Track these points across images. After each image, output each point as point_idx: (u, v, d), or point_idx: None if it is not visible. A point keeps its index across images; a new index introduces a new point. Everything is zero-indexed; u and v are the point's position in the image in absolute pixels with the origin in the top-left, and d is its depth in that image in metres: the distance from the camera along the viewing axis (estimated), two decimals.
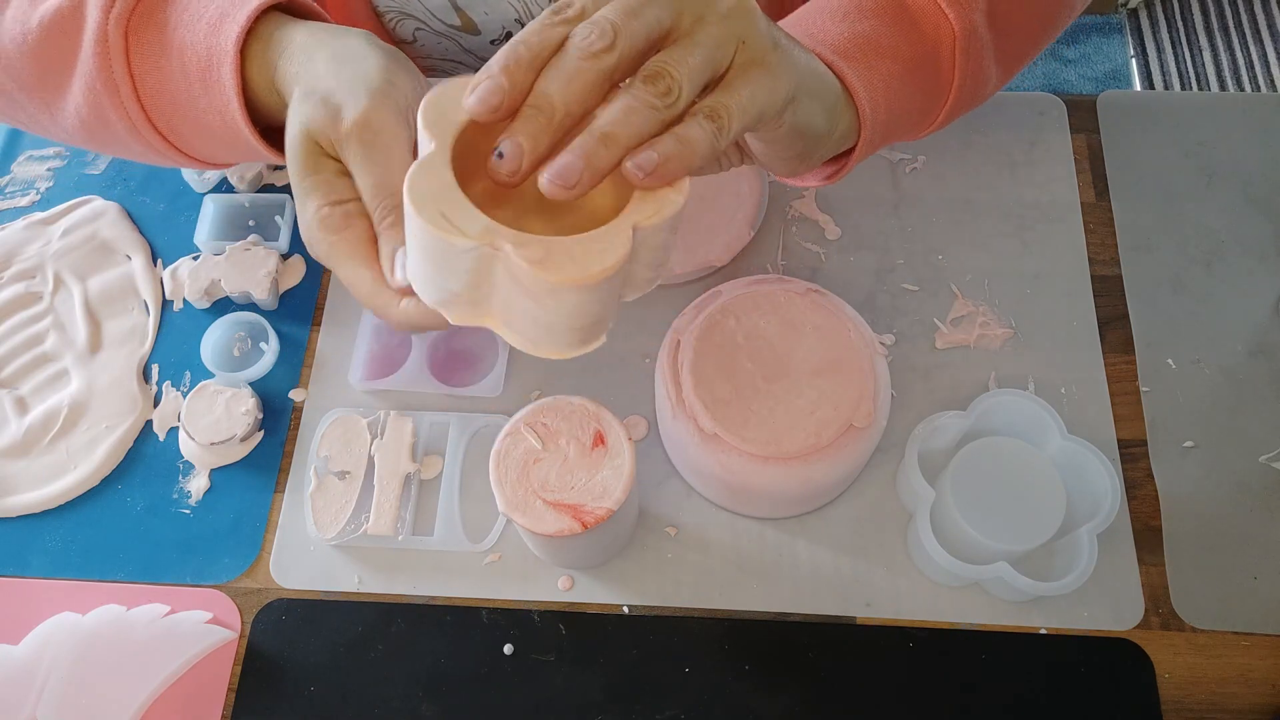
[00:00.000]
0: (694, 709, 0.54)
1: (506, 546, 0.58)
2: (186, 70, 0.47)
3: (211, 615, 0.57)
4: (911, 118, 0.51)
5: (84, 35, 0.48)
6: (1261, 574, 0.56)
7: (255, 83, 0.47)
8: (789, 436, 0.52)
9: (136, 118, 0.49)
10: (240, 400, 0.61)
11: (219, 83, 0.47)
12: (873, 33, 0.48)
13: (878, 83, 0.47)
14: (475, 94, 0.36)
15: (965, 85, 0.51)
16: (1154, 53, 1.82)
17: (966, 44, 0.49)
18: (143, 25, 0.48)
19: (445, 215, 0.34)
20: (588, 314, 0.36)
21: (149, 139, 0.50)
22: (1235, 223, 0.67)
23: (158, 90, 0.48)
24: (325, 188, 0.42)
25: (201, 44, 0.47)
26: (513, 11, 0.75)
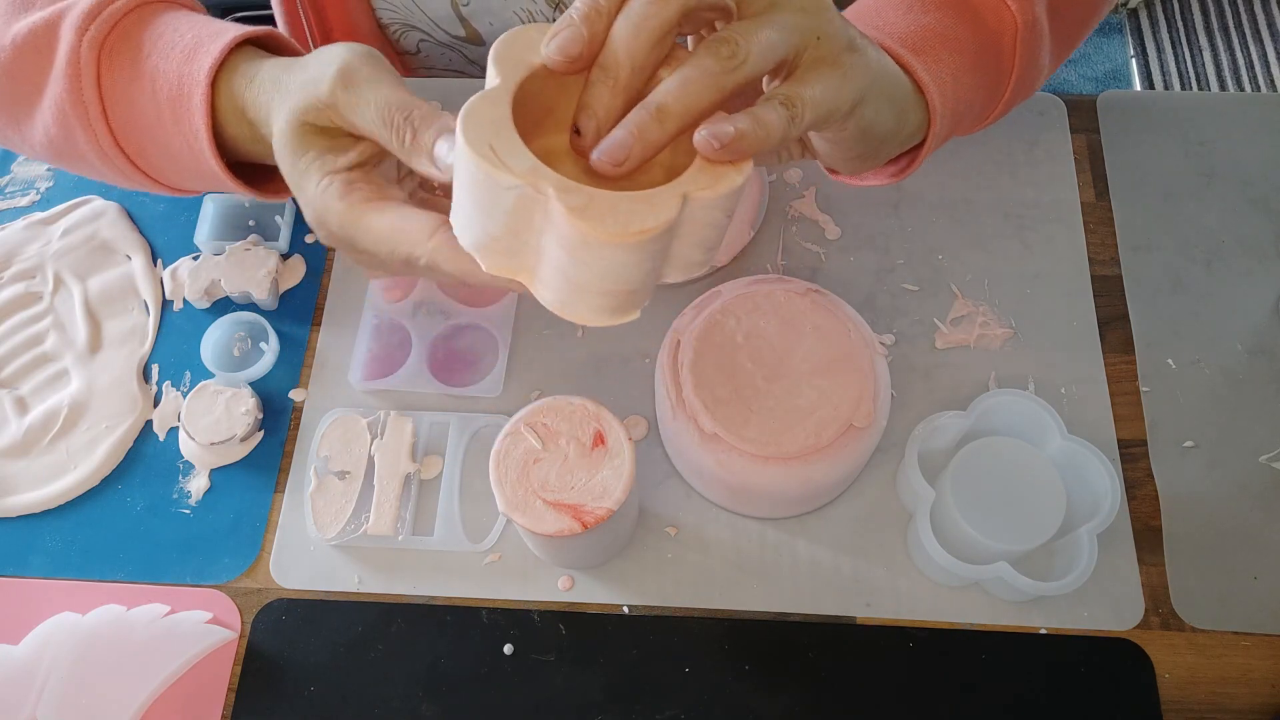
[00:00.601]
0: (694, 709, 0.54)
1: (506, 546, 0.58)
2: (157, 97, 0.47)
3: (211, 615, 0.57)
4: (975, 110, 0.51)
5: (56, 55, 0.48)
6: (1261, 574, 0.56)
7: (224, 113, 0.47)
8: (789, 436, 0.52)
9: (104, 140, 0.49)
10: (240, 400, 0.61)
11: (188, 112, 0.47)
12: (938, 25, 0.48)
13: (946, 76, 0.47)
14: (555, 42, 0.36)
15: (1023, 76, 0.51)
16: (1154, 53, 1.82)
17: (1028, 35, 0.49)
18: (116, 50, 0.48)
19: (494, 149, 0.34)
20: (621, 279, 0.35)
21: (116, 162, 0.50)
22: (1235, 223, 0.67)
23: (127, 115, 0.48)
24: (319, 163, 0.42)
25: (174, 72, 0.47)
26: (517, 21, 0.75)
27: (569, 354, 0.64)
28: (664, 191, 0.35)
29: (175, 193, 0.54)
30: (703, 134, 0.35)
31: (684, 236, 0.37)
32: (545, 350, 0.64)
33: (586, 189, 0.33)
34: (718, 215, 0.37)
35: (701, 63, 0.35)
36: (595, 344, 0.64)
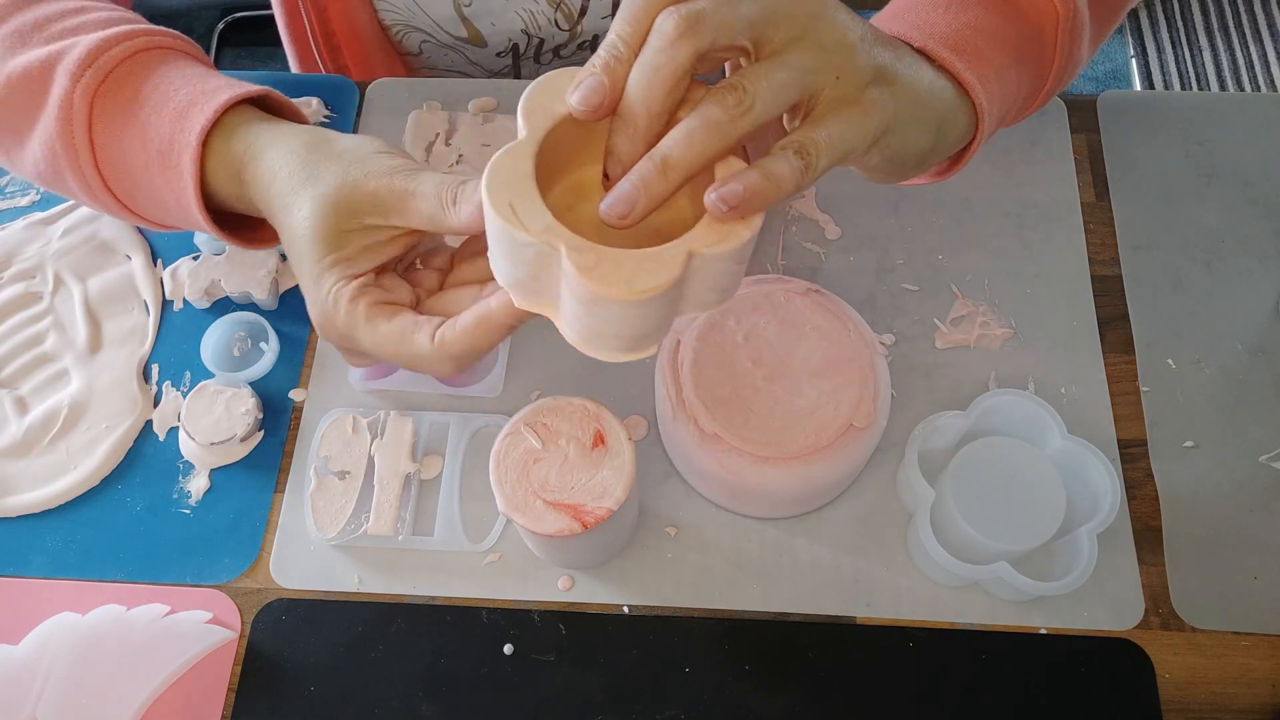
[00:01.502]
0: (694, 709, 0.54)
1: (506, 546, 0.58)
2: (148, 150, 0.48)
3: (211, 615, 0.57)
4: (1018, 103, 0.51)
5: (49, 98, 0.48)
6: (1261, 574, 0.56)
7: (214, 171, 0.48)
8: (789, 436, 0.52)
9: (93, 182, 0.49)
10: (240, 400, 0.61)
11: (177, 169, 0.47)
12: (979, 21, 0.47)
13: (990, 74, 0.46)
14: (577, 93, 0.37)
15: (1064, 66, 0.51)
16: (1154, 53, 1.82)
17: (1070, 25, 0.49)
18: (110, 97, 0.48)
19: (513, 206, 0.36)
20: (632, 327, 0.37)
21: (105, 201, 0.51)
22: (1235, 223, 0.67)
23: (118, 162, 0.49)
24: (345, 264, 0.43)
25: (165, 128, 0.47)
26: (519, 22, 0.75)
27: (569, 354, 0.63)
28: (671, 249, 0.36)
29: (158, 228, 0.55)
30: (711, 198, 0.36)
31: (695, 284, 0.38)
32: (545, 350, 0.64)
33: (597, 248, 0.35)
34: (729, 265, 0.38)
35: (707, 113, 0.35)
36: None
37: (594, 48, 0.79)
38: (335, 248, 0.43)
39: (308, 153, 0.45)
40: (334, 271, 0.43)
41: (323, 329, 0.44)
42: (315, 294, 0.43)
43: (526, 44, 0.77)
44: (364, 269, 0.44)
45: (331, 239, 0.43)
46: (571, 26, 0.76)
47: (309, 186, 0.44)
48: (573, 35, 0.77)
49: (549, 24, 0.75)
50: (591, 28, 0.76)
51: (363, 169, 0.43)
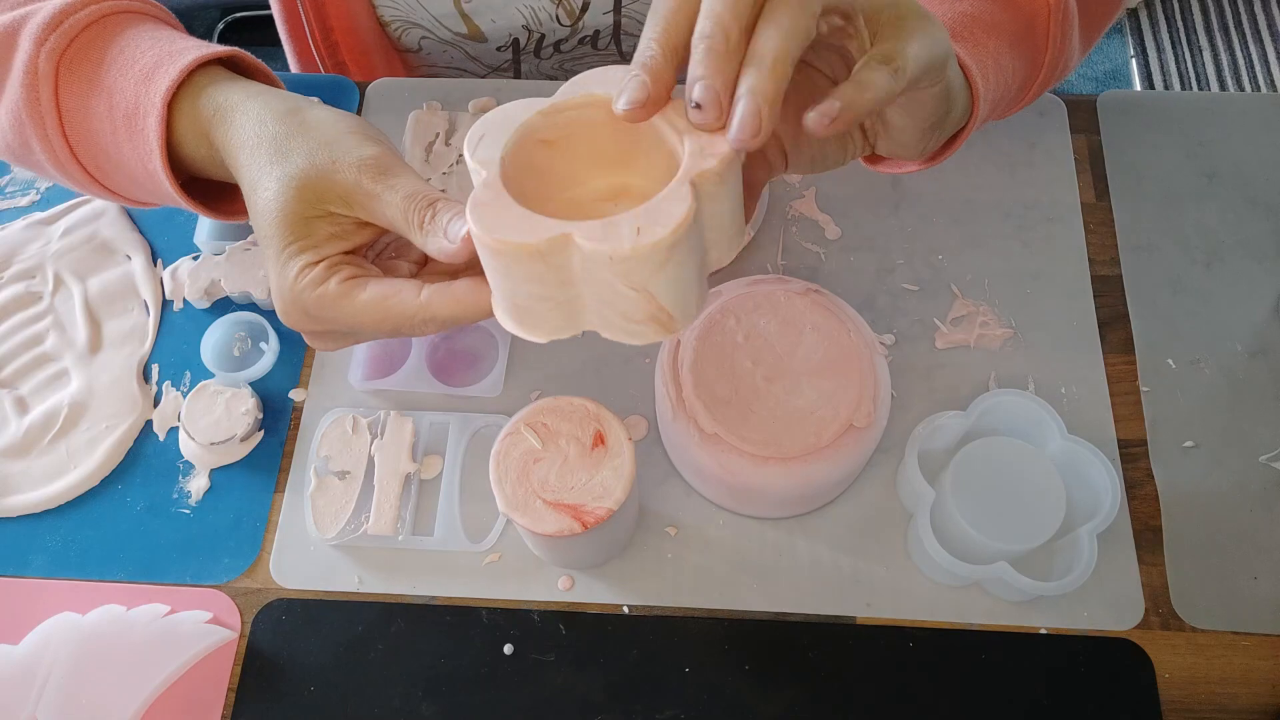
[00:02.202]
0: (694, 709, 0.54)
1: (506, 546, 0.58)
2: (113, 114, 0.47)
3: (211, 615, 0.57)
4: (1011, 92, 0.51)
5: (14, 64, 0.47)
6: (1261, 574, 0.56)
7: (182, 134, 0.47)
8: (789, 436, 0.52)
9: (61, 152, 0.48)
10: (240, 400, 0.61)
11: (143, 133, 0.46)
12: (976, 10, 0.48)
13: (988, 61, 0.47)
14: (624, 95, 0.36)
15: (1056, 58, 0.51)
16: (1154, 53, 1.82)
17: (1060, 16, 0.50)
18: (75, 62, 0.47)
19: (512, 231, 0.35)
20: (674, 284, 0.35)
21: (71, 171, 0.49)
22: (1235, 223, 0.67)
23: (84, 128, 0.48)
24: (312, 251, 0.42)
25: (130, 92, 0.46)
26: (520, 18, 0.75)
27: (569, 354, 0.64)
28: (671, 188, 0.35)
29: (132, 204, 0.53)
30: (811, 119, 0.36)
31: (709, 224, 0.37)
32: (545, 350, 0.64)
33: (604, 220, 0.34)
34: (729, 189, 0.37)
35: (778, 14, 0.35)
36: (595, 344, 0.64)
37: (595, 44, 0.79)
38: (301, 235, 0.42)
39: (277, 124, 0.43)
40: (300, 258, 0.42)
41: (286, 314, 0.43)
42: (281, 279, 0.42)
43: (527, 39, 0.77)
44: (330, 254, 0.42)
45: (297, 225, 0.42)
46: (573, 22, 0.76)
47: (276, 165, 0.42)
48: (574, 30, 0.77)
49: (550, 19, 0.75)
50: (593, 23, 0.76)
51: (331, 155, 0.42)
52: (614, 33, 0.78)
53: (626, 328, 0.37)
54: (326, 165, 0.42)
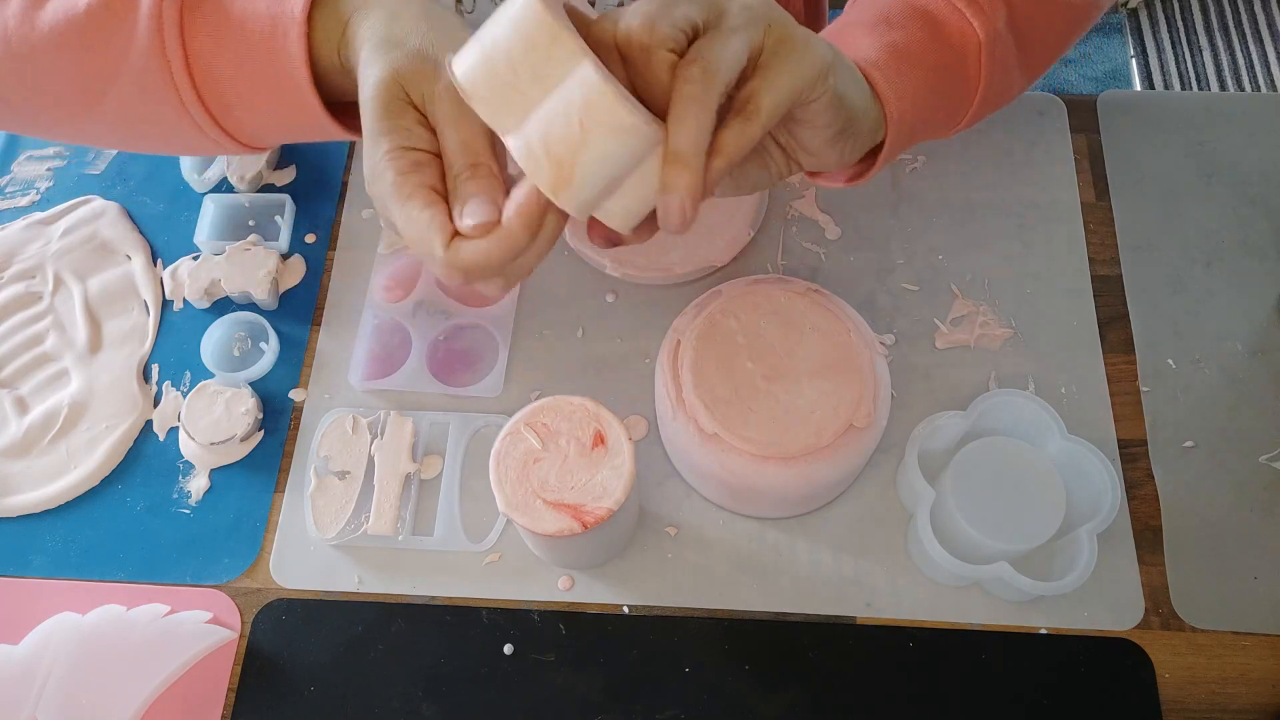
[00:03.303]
0: (694, 709, 0.54)
1: (506, 546, 0.58)
2: (249, 41, 0.48)
3: (211, 615, 0.57)
4: (938, 118, 0.53)
5: (138, 17, 0.48)
6: (1261, 574, 0.56)
7: (321, 47, 0.48)
8: (789, 436, 0.52)
9: (188, 96, 0.49)
10: (240, 400, 0.61)
11: (285, 50, 0.47)
12: (901, 41, 0.49)
13: (906, 88, 0.49)
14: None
15: (991, 87, 0.52)
16: (1154, 53, 1.82)
17: (991, 48, 0.51)
18: (198, 3, 0.48)
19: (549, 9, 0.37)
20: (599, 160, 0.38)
21: (197, 118, 0.50)
22: (1235, 223, 0.67)
23: (213, 65, 0.49)
24: (403, 133, 0.43)
25: (264, 14, 0.47)
26: None
27: (569, 354, 0.64)
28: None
29: (249, 150, 0.54)
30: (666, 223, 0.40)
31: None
32: (545, 350, 0.64)
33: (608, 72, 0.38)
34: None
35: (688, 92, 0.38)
36: (595, 344, 0.64)
37: None
38: (393, 114, 0.43)
39: (407, 21, 0.45)
40: (392, 138, 0.43)
41: (371, 187, 0.44)
42: (372, 153, 0.43)
43: None
44: (419, 145, 0.43)
45: (390, 104, 0.43)
46: None
47: (388, 52, 0.44)
48: None
49: None
50: None
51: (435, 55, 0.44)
52: None
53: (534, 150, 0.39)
54: (426, 67, 0.43)
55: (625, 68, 0.41)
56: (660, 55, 0.39)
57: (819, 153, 0.47)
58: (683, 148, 0.39)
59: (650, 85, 0.40)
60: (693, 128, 0.38)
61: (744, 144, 0.40)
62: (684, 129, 0.38)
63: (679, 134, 0.39)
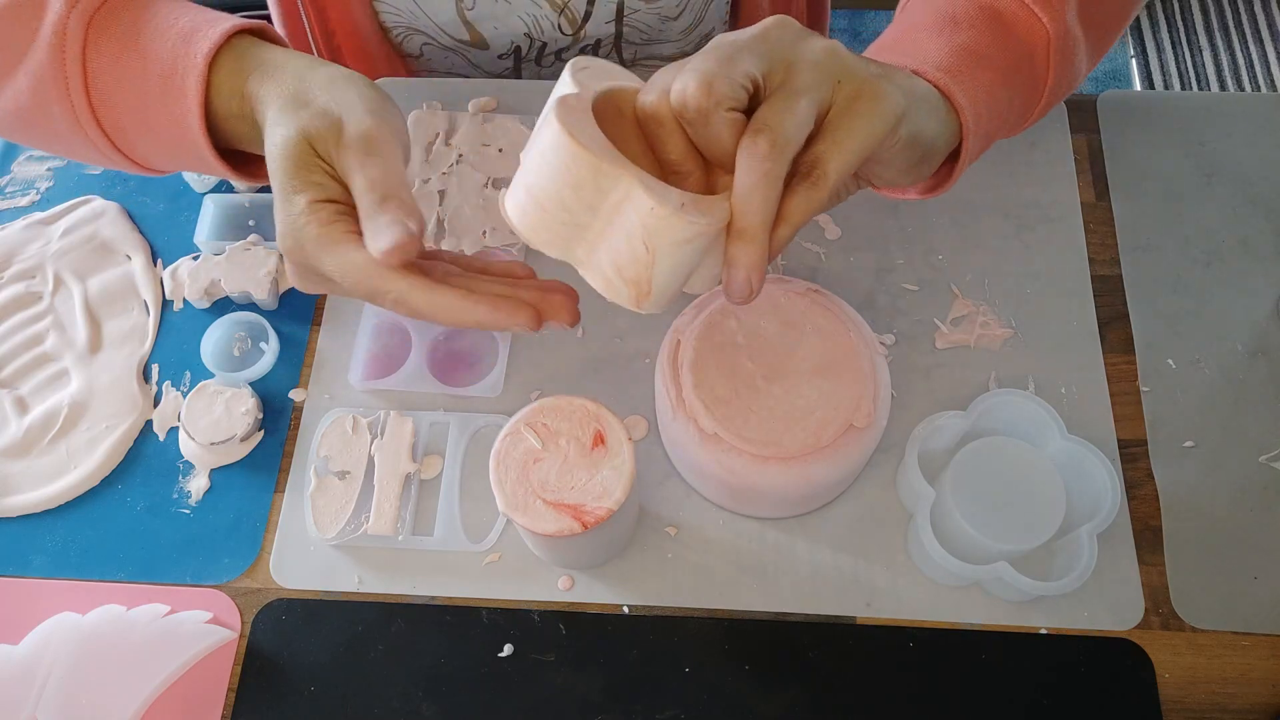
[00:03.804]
0: (694, 709, 0.54)
1: (506, 546, 0.58)
2: (147, 74, 0.48)
3: (211, 615, 0.57)
4: (1010, 118, 0.52)
5: (42, 25, 0.48)
6: (1261, 574, 0.56)
7: (218, 96, 0.48)
8: (789, 436, 0.52)
9: (82, 113, 0.49)
10: (240, 400, 0.61)
11: (180, 92, 0.47)
12: (971, 43, 0.49)
13: (980, 93, 0.48)
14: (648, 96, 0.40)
15: (1059, 82, 0.52)
16: (1154, 53, 1.82)
17: (1061, 44, 0.50)
18: (106, 24, 0.48)
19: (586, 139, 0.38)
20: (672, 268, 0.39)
21: (90, 134, 0.50)
22: (1235, 223, 0.67)
23: (110, 89, 0.49)
24: (316, 187, 0.43)
25: (168, 53, 0.48)
26: (522, 26, 0.75)
27: (569, 354, 0.64)
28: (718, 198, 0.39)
29: (143, 170, 0.54)
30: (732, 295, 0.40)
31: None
32: (545, 350, 0.64)
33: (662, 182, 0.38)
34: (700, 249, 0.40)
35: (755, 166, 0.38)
36: (595, 344, 0.64)
37: (596, 52, 0.79)
38: (305, 171, 0.43)
39: (309, 82, 0.46)
40: (305, 194, 0.43)
41: (285, 243, 0.44)
42: (286, 211, 0.43)
43: (529, 47, 0.78)
44: (336, 196, 0.44)
45: (300, 163, 0.43)
46: (575, 31, 0.76)
47: (294, 114, 0.44)
48: (575, 39, 0.77)
49: (552, 28, 0.75)
50: (595, 32, 0.76)
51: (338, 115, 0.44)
52: (615, 42, 0.78)
53: (610, 278, 0.39)
54: (332, 125, 0.44)
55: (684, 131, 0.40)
56: (720, 115, 0.38)
57: (894, 180, 0.47)
58: (748, 226, 0.38)
59: (711, 145, 0.40)
60: (759, 206, 0.38)
61: (810, 211, 0.40)
62: (750, 208, 0.38)
63: (745, 214, 0.38)
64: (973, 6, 0.50)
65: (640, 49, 0.80)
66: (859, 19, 1.95)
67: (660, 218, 0.37)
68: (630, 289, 0.39)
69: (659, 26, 0.77)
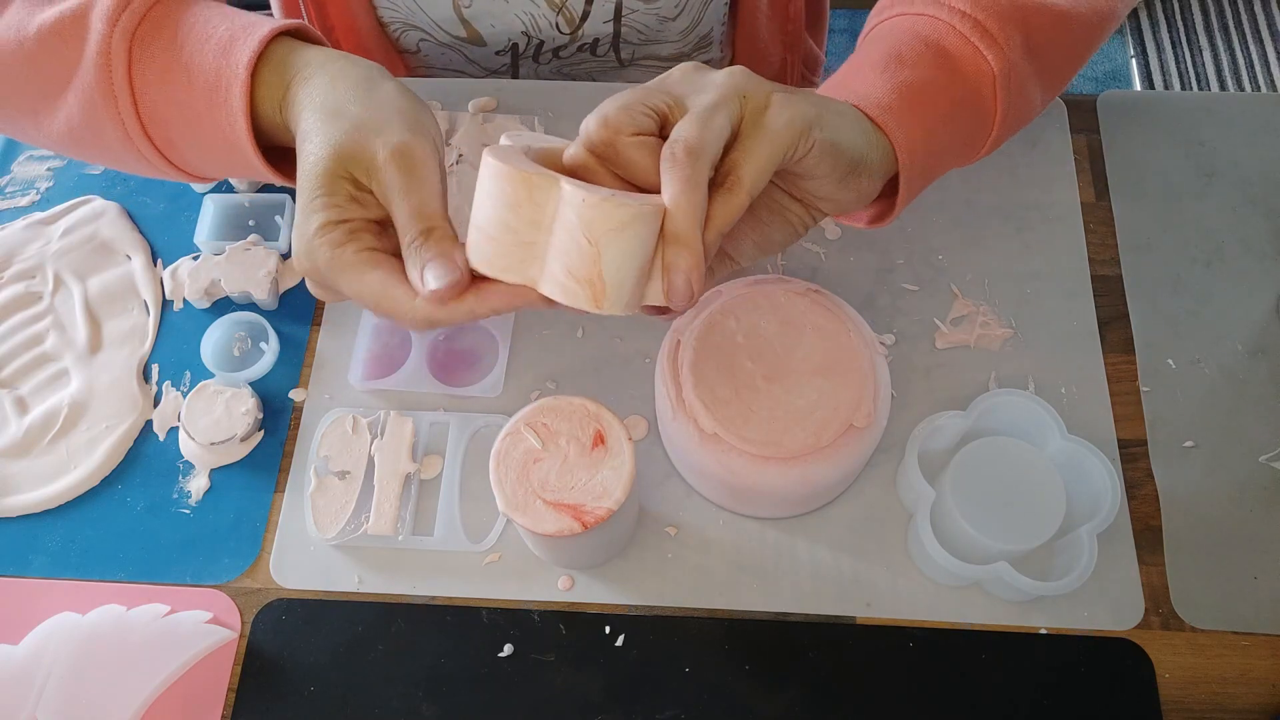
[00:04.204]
0: (694, 709, 0.54)
1: (506, 546, 0.58)
2: (193, 88, 0.48)
3: (211, 615, 0.57)
4: (956, 151, 0.53)
5: (86, 45, 0.48)
6: (1261, 574, 0.56)
7: (263, 104, 0.48)
8: (789, 436, 0.52)
9: (133, 129, 0.49)
10: (240, 400, 0.61)
11: (226, 104, 0.48)
12: (914, 80, 0.50)
13: (917, 128, 0.49)
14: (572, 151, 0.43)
15: (1009, 114, 0.53)
16: (1154, 53, 1.82)
17: (1006, 80, 0.51)
18: (148, 40, 0.48)
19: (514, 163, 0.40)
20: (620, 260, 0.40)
21: (142, 150, 0.51)
22: (1235, 223, 0.67)
23: (159, 105, 0.49)
24: (333, 209, 0.43)
25: (210, 65, 0.48)
26: (519, 23, 0.75)
27: (569, 354, 0.64)
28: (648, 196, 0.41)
29: (196, 179, 0.55)
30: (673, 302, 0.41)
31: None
32: (545, 350, 0.64)
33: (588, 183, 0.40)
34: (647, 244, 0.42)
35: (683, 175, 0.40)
36: (595, 344, 0.64)
37: (594, 51, 0.79)
38: (329, 191, 0.43)
39: (347, 90, 0.46)
40: (323, 214, 0.43)
41: (298, 259, 0.44)
42: (303, 228, 0.44)
43: (526, 44, 0.78)
44: (352, 216, 0.44)
45: (326, 181, 0.43)
46: (572, 30, 0.76)
47: (327, 125, 0.44)
48: (573, 38, 0.77)
49: (550, 27, 0.75)
50: (592, 31, 0.76)
51: (375, 129, 0.44)
52: (613, 41, 0.78)
53: (565, 284, 0.40)
54: (367, 138, 0.44)
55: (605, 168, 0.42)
56: (625, 141, 0.41)
57: (832, 196, 0.47)
58: (679, 229, 0.40)
59: (634, 171, 0.42)
60: (685, 207, 0.40)
61: (731, 214, 0.42)
62: (678, 210, 0.40)
63: (673, 217, 0.40)
64: (919, 44, 0.51)
65: (638, 49, 0.80)
66: (858, 19, 1.95)
67: (592, 205, 0.38)
68: (585, 289, 0.40)
69: (657, 27, 0.77)
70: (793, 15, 0.80)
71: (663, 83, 0.44)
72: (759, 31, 0.80)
